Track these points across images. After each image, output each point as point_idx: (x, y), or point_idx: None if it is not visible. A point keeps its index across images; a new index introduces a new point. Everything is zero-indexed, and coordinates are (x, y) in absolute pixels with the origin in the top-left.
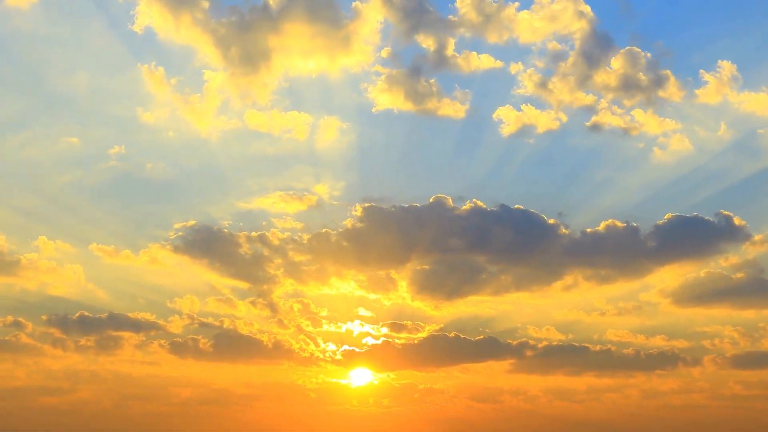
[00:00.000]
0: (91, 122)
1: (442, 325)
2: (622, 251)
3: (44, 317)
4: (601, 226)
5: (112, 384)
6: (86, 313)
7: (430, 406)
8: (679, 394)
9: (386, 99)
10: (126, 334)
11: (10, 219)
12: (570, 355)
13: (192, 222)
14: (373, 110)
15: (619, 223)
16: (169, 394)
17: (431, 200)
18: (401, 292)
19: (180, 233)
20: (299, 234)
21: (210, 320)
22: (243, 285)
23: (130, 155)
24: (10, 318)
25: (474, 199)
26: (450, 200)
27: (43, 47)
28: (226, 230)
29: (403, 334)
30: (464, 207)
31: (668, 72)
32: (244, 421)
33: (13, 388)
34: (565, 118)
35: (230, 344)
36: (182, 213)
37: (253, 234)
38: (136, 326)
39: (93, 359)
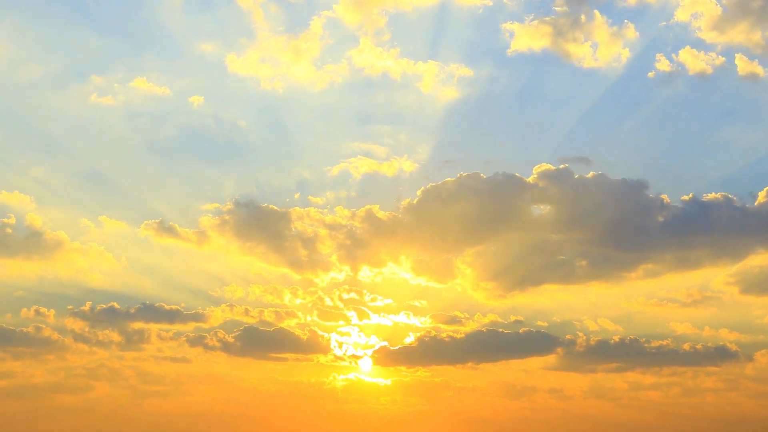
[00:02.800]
0: (174, 65)
1: (496, 318)
2: (723, 230)
3: (70, 307)
4: (709, 199)
5: (133, 381)
6: (116, 305)
7: (457, 405)
8: (719, 391)
9: (523, 39)
10: (157, 328)
11: (61, 189)
12: (619, 350)
13: (238, 196)
14: (506, 54)
15: (719, 196)
16: (191, 391)
17: (499, 173)
18: (462, 279)
19: (227, 206)
20: (360, 211)
21: (249, 309)
22: (289, 270)
23: (210, 108)
24: (32, 310)
25: (565, 165)
26: (530, 169)
27: None
28: (273, 206)
29: (453, 327)
30: (546, 175)
31: None
32: (260, 419)
33: (30, 385)
34: (719, 61)
35: (264, 339)
36: (243, 182)
37: (300, 210)
38: (170, 318)
39: (119, 355)
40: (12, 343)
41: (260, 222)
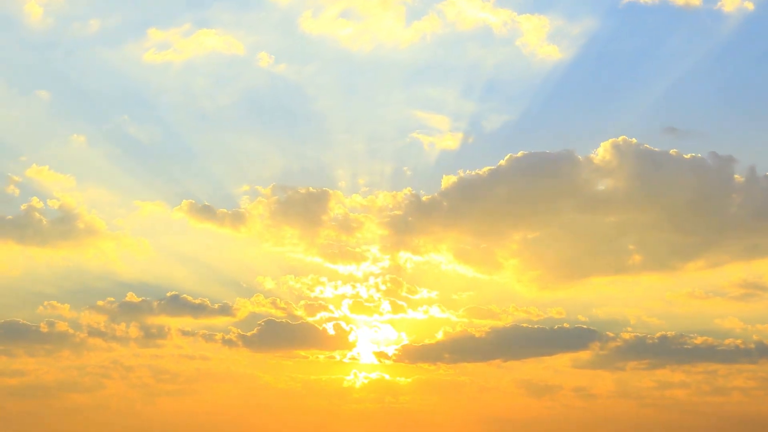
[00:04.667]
0: (244, 19)
1: (534, 312)
2: None
3: (85, 304)
4: None
5: (147, 380)
6: (137, 299)
7: (475, 404)
8: (748, 390)
9: None
10: (180, 323)
11: (99, 164)
12: (653, 347)
13: (282, 175)
14: (618, 5)
15: None
16: (203, 390)
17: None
18: (506, 271)
19: (266, 189)
20: (403, 193)
21: (278, 302)
22: (325, 259)
23: (279, 69)
24: (50, 304)
25: (625, 138)
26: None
27: None
28: (312, 188)
29: (488, 321)
30: (610, 151)
31: None
32: (271, 419)
33: (42, 383)
34: None
35: (285, 334)
36: (294, 158)
37: (341, 195)
38: (195, 312)
39: (137, 352)
40: (27, 339)
41: (297, 207)
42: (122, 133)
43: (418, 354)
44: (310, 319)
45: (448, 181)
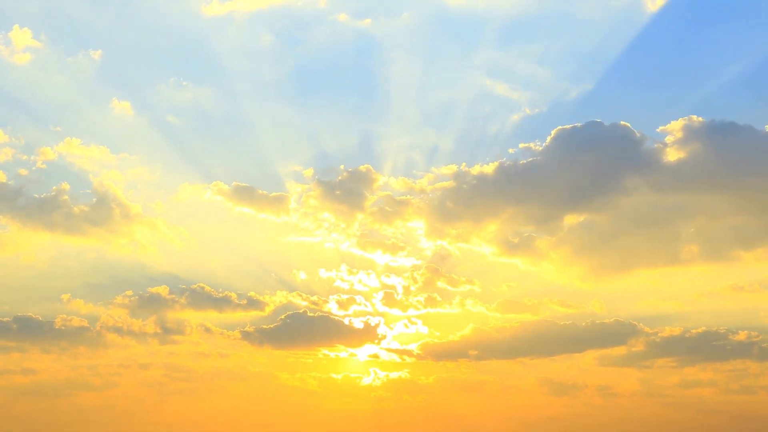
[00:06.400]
0: None
1: (572, 305)
2: None
3: (100, 301)
4: None
5: (161, 378)
6: (162, 293)
7: (494, 403)
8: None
9: None
10: (201, 317)
11: (147, 142)
12: (685, 344)
13: (323, 156)
14: None
15: None
16: (218, 388)
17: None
18: (549, 263)
19: (308, 172)
20: (456, 172)
21: (304, 295)
22: (362, 249)
23: (359, 24)
24: (67, 298)
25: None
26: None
27: None
28: (353, 169)
29: (522, 315)
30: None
31: None
32: (280, 419)
33: (52, 382)
34: None
35: (309, 330)
36: (344, 133)
37: (384, 178)
38: (219, 306)
39: (154, 350)
40: (41, 335)
41: (337, 192)
42: (170, 100)
43: (442, 351)
44: (341, 313)
45: (486, 166)
